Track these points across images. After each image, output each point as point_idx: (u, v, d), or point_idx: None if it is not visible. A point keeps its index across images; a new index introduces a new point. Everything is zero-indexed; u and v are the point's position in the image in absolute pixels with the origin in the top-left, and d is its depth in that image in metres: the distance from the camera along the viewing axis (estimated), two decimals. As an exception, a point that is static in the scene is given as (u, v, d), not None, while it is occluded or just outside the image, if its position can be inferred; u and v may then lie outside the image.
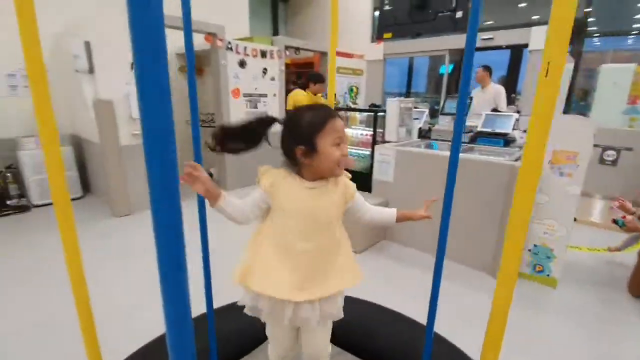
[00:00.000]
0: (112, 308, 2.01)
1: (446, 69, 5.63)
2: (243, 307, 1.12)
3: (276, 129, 1.07)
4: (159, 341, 1.46)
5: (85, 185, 4.23)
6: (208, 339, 1.31)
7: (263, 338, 1.48)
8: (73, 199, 3.90)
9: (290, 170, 1.04)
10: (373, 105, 3.59)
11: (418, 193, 2.85)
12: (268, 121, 1.03)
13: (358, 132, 3.52)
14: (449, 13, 3.02)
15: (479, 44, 5.12)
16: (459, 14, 2.98)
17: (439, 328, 1.38)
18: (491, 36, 4.91)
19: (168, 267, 0.42)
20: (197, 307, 0.85)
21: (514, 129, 3.63)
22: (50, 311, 2.05)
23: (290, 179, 1.03)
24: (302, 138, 0.97)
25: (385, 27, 3.42)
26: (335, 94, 4.47)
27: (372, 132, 3.47)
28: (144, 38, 0.36)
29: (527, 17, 5.61)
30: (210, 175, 4.99)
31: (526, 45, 4.67)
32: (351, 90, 3.97)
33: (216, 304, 1.41)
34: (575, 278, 2.53)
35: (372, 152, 3.52)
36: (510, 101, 4.75)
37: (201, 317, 1.45)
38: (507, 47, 5.30)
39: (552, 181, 2.33)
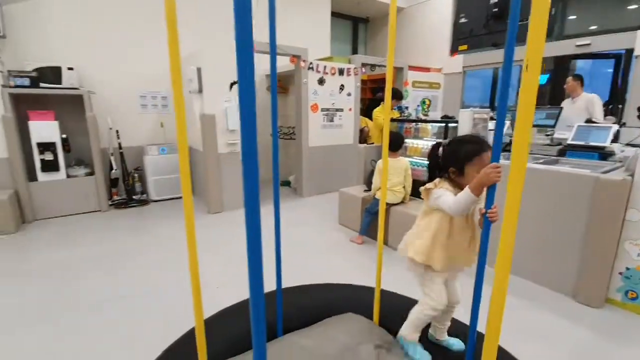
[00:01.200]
0: (204, 283, 2.43)
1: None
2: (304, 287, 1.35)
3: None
4: (236, 307, 1.76)
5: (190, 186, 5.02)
6: (276, 310, 1.56)
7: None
8: (180, 197, 4.68)
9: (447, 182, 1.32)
10: (446, 117, 3.59)
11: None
12: (437, 146, 1.41)
13: (425, 143, 3.57)
14: (526, 22, 2.95)
15: (572, 51, 4.72)
16: (540, 22, 2.88)
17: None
18: (588, 42, 4.47)
19: (252, 249, 0.60)
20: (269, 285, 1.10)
21: (613, 141, 3.27)
22: (156, 278, 2.57)
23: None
24: (456, 162, 1.28)
25: (461, 39, 3.46)
26: (407, 107, 4.57)
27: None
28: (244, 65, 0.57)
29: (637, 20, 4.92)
30: (289, 183, 5.46)
31: (631, 51, 4.15)
32: (423, 102, 4.03)
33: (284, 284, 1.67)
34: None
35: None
36: (611, 112, 4.23)
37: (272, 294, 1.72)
38: (607, 53, 4.74)
39: (648, 196, 2.09)
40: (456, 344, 1.48)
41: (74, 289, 2.46)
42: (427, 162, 1.51)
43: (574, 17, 5.57)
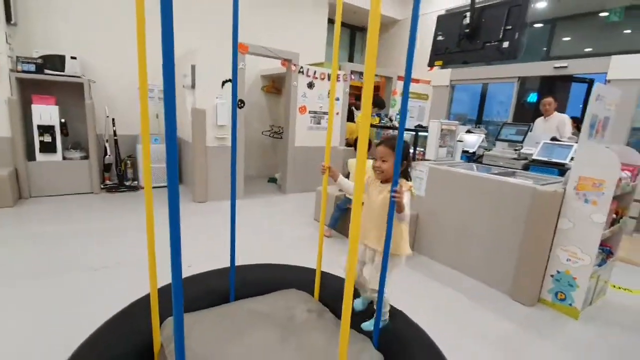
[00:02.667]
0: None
1: (514, 95, 5.51)
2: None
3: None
4: (194, 277, 2.00)
5: (179, 176, 5.28)
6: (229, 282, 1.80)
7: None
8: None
9: None
10: (419, 126, 3.84)
11: (445, 208, 3.03)
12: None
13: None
14: (496, 43, 3.21)
15: (550, 72, 4.97)
16: (505, 44, 3.15)
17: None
18: (565, 64, 4.72)
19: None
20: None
21: (572, 159, 3.51)
22: (137, 252, 2.81)
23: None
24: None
25: (437, 55, 3.72)
26: (386, 115, 4.81)
27: (413, 151, 3.73)
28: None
29: (634, 44, 5.15)
30: (275, 179, 5.71)
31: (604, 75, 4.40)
32: (398, 112, 4.30)
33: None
34: (607, 317, 2.41)
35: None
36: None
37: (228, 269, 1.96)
38: (583, 77, 5.00)
39: (577, 207, 2.33)
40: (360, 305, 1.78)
41: (63, 255, 2.72)
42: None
43: (565, 39, 5.87)
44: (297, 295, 1.83)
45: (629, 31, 5.27)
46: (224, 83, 4.29)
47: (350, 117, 5.59)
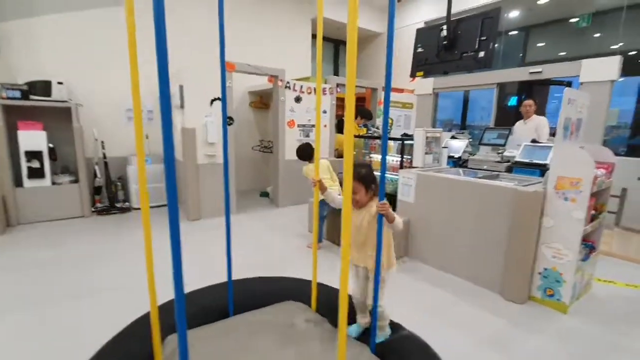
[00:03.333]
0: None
1: (494, 100, 5.72)
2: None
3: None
4: (192, 294, 2.03)
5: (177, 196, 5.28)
6: (227, 296, 1.83)
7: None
8: (161, 206, 4.92)
9: None
10: (405, 134, 3.96)
11: (434, 213, 3.12)
12: None
13: (390, 158, 3.92)
14: (472, 53, 3.37)
15: (526, 77, 5.18)
16: (481, 54, 3.31)
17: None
18: (540, 69, 4.94)
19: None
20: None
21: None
22: (131, 275, 2.81)
23: None
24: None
25: (418, 66, 3.87)
26: (374, 126, 4.93)
27: (398, 159, 3.84)
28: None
29: (602, 47, 5.46)
30: (267, 193, 5.74)
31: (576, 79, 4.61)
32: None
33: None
34: (594, 309, 2.50)
35: (403, 176, 3.84)
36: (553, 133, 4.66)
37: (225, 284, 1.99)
38: (561, 80, 5.23)
39: (557, 206, 2.44)
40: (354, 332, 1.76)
41: (56, 282, 2.69)
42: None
43: (540, 44, 6.16)
44: (295, 306, 1.87)
45: (597, 35, 5.57)
46: (212, 101, 4.36)
47: (341, 129, 5.70)
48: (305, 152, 3.62)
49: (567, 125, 2.45)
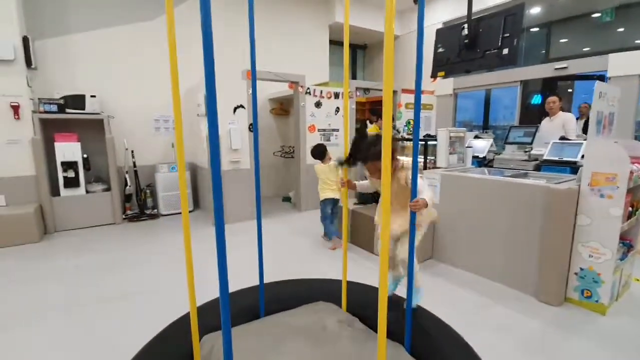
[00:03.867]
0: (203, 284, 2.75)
1: (518, 99, 5.60)
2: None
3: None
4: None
5: (196, 202, 5.42)
6: (259, 298, 1.87)
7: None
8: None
9: None
10: (427, 135, 3.93)
11: (461, 213, 3.07)
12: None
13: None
14: (495, 51, 3.32)
15: (552, 73, 5.05)
16: (505, 51, 3.26)
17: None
18: (565, 65, 4.81)
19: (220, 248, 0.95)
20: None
21: (583, 156, 3.53)
22: (162, 279, 2.90)
23: None
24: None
25: (439, 67, 3.84)
26: (394, 127, 4.92)
27: (424, 160, 3.81)
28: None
29: (627, 42, 5.26)
30: (289, 198, 5.80)
31: (605, 74, 4.46)
32: (408, 123, 4.42)
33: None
34: (634, 310, 2.40)
35: (427, 178, 3.80)
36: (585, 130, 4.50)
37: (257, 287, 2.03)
38: (586, 77, 5.07)
39: (593, 203, 2.36)
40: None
41: (91, 287, 2.81)
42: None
43: (562, 40, 6.00)
44: (326, 307, 1.88)
45: (621, 30, 5.37)
46: (235, 109, 4.47)
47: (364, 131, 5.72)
48: (318, 151, 3.81)
49: (600, 119, 2.38)
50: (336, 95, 5.31)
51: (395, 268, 1.96)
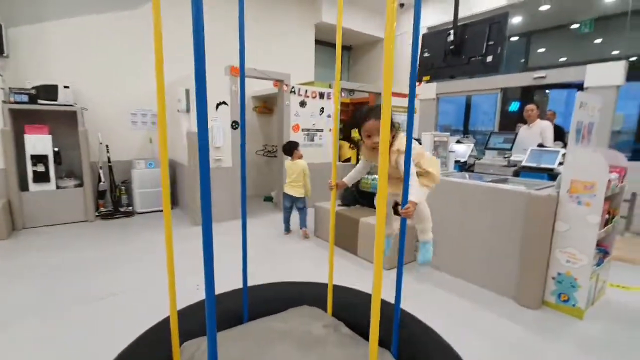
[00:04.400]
0: (182, 287, 2.65)
1: (497, 105, 5.75)
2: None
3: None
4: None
5: (174, 200, 5.25)
6: (242, 302, 1.80)
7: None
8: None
9: None
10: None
11: (445, 218, 3.10)
12: None
13: (398, 162, 3.93)
14: (480, 58, 3.37)
15: (530, 82, 5.21)
16: (489, 58, 3.32)
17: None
18: (544, 74, 4.96)
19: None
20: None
21: (560, 164, 3.64)
22: (136, 279, 2.78)
23: None
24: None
25: (424, 71, 3.87)
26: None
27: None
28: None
29: (604, 53, 5.50)
30: (271, 198, 5.72)
31: (582, 83, 4.64)
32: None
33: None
34: (610, 315, 2.48)
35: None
36: (560, 137, 4.66)
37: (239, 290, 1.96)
38: (563, 85, 5.26)
39: (571, 210, 2.43)
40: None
41: (62, 288, 2.65)
42: None
43: (541, 50, 6.21)
44: (311, 311, 1.84)
45: (599, 40, 5.61)
46: (218, 105, 4.35)
47: (346, 136, 5.71)
48: (286, 147, 4.02)
49: (580, 128, 2.45)
50: (321, 96, 5.27)
51: (389, 225, 1.94)
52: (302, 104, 5.07)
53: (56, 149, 4.16)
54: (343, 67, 8.35)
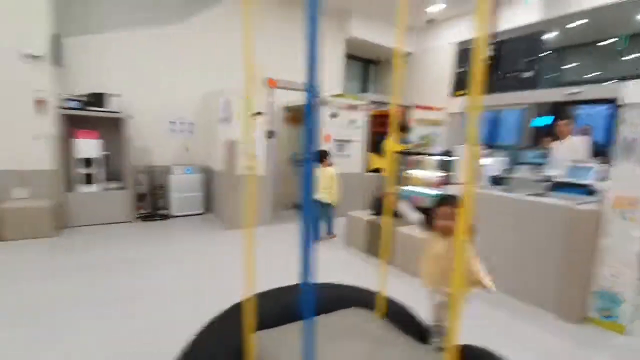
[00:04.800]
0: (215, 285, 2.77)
1: (524, 120, 5.75)
2: None
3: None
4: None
5: (207, 205, 5.43)
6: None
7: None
8: (198, 214, 5.09)
9: None
10: (445, 152, 4.03)
11: (482, 230, 3.12)
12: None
13: (429, 174, 3.99)
14: (516, 73, 3.44)
15: (564, 98, 5.20)
16: (525, 74, 3.38)
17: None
18: (577, 90, 4.95)
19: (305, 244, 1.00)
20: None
21: (601, 180, 3.60)
22: (175, 279, 2.91)
23: None
24: None
25: (459, 86, 3.95)
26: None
27: (439, 175, 3.90)
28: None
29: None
30: (299, 206, 5.83)
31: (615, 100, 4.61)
32: (422, 138, 4.55)
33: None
34: (653, 331, 2.45)
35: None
36: (602, 153, 4.60)
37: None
38: (598, 101, 5.24)
39: (616, 224, 2.43)
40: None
41: (108, 285, 2.81)
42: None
43: (571, 65, 6.21)
44: (363, 313, 1.91)
45: (632, 57, 5.58)
46: (256, 115, 4.53)
47: (378, 149, 5.79)
48: (317, 156, 4.16)
49: (629, 144, 2.47)
50: (351, 107, 5.41)
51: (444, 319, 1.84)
52: (334, 115, 5.21)
53: (103, 153, 4.41)
54: (370, 80, 8.51)
